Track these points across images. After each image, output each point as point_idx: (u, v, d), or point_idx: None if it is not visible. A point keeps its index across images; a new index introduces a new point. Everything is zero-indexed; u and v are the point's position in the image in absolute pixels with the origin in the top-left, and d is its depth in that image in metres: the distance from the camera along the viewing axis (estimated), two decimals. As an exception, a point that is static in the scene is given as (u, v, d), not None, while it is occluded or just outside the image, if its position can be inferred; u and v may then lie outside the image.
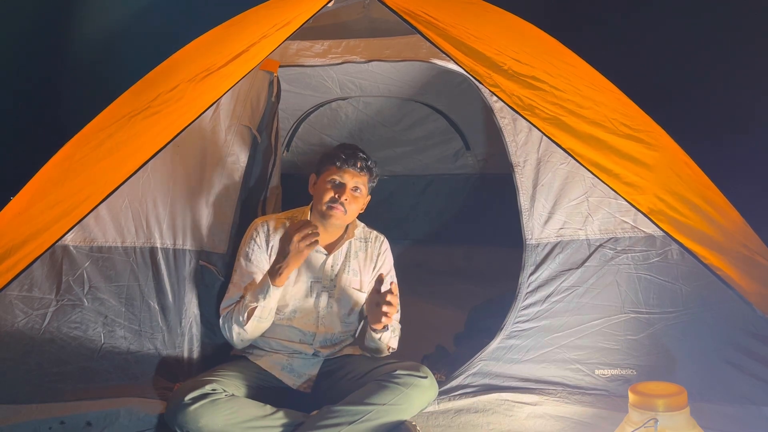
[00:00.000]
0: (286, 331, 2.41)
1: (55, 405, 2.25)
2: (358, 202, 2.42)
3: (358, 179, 2.40)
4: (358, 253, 2.50)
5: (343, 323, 2.45)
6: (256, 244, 2.43)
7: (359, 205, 2.44)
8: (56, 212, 2.47)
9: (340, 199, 2.36)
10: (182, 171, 2.57)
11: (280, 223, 2.47)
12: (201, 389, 2.11)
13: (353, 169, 2.40)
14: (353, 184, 2.40)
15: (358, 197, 2.41)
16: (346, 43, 2.94)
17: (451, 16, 2.57)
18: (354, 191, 2.40)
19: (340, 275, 2.46)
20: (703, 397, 2.24)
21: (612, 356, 2.39)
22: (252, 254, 2.42)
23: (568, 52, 2.91)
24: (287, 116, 4.27)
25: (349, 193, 2.38)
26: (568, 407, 2.31)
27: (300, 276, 2.42)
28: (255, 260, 2.42)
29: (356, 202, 2.41)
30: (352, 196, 2.39)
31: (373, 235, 2.55)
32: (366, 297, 2.43)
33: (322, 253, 2.46)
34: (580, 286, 2.43)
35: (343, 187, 2.38)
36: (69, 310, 2.41)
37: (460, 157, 4.62)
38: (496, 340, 2.43)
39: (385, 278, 2.29)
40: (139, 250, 2.49)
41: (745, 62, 4.34)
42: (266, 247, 2.43)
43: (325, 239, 2.47)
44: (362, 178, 2.42)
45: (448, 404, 2.33)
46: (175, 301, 2.47)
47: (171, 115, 2.51)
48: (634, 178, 2.43)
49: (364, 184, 2.43)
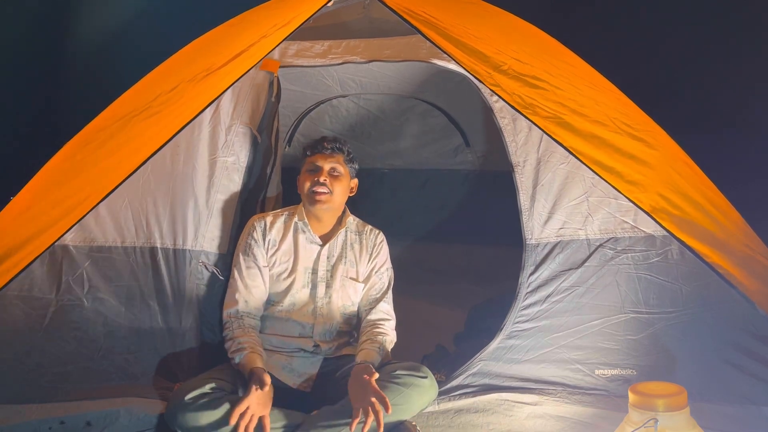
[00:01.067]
0: (284, 324, 2.42)
1: (55, 405, 2.25)
2: (341, 182, 2.46)
3: (331, 160, 2.46)
4: (354, 245, 2.52)
5: (341, 314, 2.46)
6: (253, 239, 2.47)
7: (343, 186, 2.47)
8: (56, 212, 2.48)
9: (319, 179, 2.42)
10: (182, 171, 2.56)
11: (278, 218, 2.52)
12: (201, 389, 2.11)
13: (323, 152, 2.46)
14: (329, 166, 2.45)
15: (338, 177, 2.46)
16: (346, 43, 2.94)
17: (451, 16, 2.57)
18: (332, 172, 2.45)
19: (337, 265, 2.48)
20: (703, 397, 2.24)
21: (612, 356, 2.39)
22: (249, 250, 2.46)
23: (567, 52, 2.91)
24: (288, 113, 4.28)
25: (326, 173, 2.44)
26: (568, 407, 2.31)
27: (296, 267, 2.45)
28: (252, 256, 2.45)
29: (339, 183, 2.45)
30: (332, 176, 2.45)
31: (367, 228, 2.57)
32: (351, 382, 2.18)
33: (317, 243, 2.49)
34: (580, 286, 2.42)
35: (320, 169, 2.44)
36: (69, 310, 2.41)
37: (460, 153, 4.63)
38: (496, 340, 2.43)
39: (378, 271, 2.40)
40: (139, 250, 2.49)
41: (745, 62, 4.34)
42: (263, 243, 2.47)
43: (319, 230, 2.51)
44: (336, 158, 2.47)
45: (448, 404, 2.33)
46: (175, 301, 2.47)
47: (171, 114, 2.52)
48: (636, 176, 2.43)
49: (340, 164, 2.47)
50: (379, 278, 2.51)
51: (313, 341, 2.41)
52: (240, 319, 2.36)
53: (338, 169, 2.47)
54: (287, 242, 2.48)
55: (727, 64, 4.40)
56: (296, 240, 2.49)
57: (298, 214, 2.51)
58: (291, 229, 2.50)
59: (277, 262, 2.47)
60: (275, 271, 2.46)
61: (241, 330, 2.32)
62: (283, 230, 2.50)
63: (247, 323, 2.36)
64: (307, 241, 2.49)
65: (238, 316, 2.36)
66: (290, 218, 2.52)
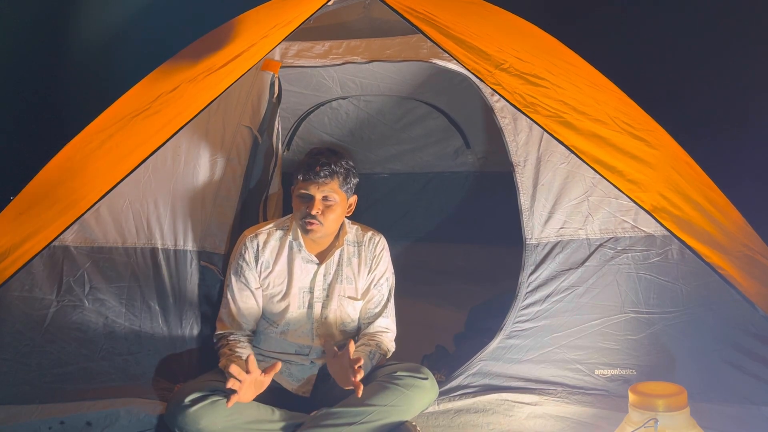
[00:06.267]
0: (281, 343, 2.38)
1: (56, 405, 2.26)
2: (334, 210, 2.29)
3: (324, 188, 2.27)
4: (352, 260, 2.41)
5: (340, 331, 2.40)
6: (245, 262, 2.36)
7: (337, 213, 2.30)
8: (56, 211, 2.48)
9: (311, 212, 2.25)
10: (183, 172, 2.57)
11: (271, 236, 2.40)
12: (201, 390, 2.11)
13: (316, 179, 2.26)
14: (321, 195, 2.27)
15: (332, 205, 2.28)
16: (346, 43, 2.94)
17: (451, 15, 2.57)
18: (325, 200, 2.28)
19: (333, 285, 2.38)
20: (703, 397, 2.24)
21: (612, 356, 2.39)
22: (241, 272, 2.36)
23: (568, 51, 2.91)
24: (288, 115, 4.27)
25: (319, 204, 2.27)
26: (568, 407, 2.31)
27: (290, 290, 2.36)
28: (245, 278, 2.36)
29: (332, 211, 2.29)
30: (325, 206, 2.28)
31: (367, 236, 2.44)
32: (330, 356, 2.19)
33: (313, 263, 2.38)
34: (580, 286, 2.42)
35: (312, 199, 2.27)
36: (69, 311, 2.41)
37: (460, 155, 4.63)
38: (495, 340, 2.43)
39: (377, 284, 2.32)
40: (139, 250, 2.49)
41: (745, 62, 4.34)
42: (255, 265, 2.36)
43: (315, 249, 2.39)
44: (329, 186, 2.27)
45: (448, 404, 2.33)
46: (176, 301, 2.47)
47: (171, 114, 2.52)
48: (637, 175, 2.43)
49: (335, 191, 2.28)
50: (378, 291, 2.41)
51: (309, 360, 2.36)
52: (234, 334, 2.34)
53: (332, 197, 2.28)
54: (281, 263, 2.37)
55: (728, 64, 4.40)
56: (291, 260, 2.37)
57: (293, 233, 2.38)
58: (286, 248, 2.38)
59: (270, 284, 2.37)
60: (269, 293, 2.37)
61: (235, 341, 2.30)
62: (277, 249, 2.38)
63: (242, 338, 2.33)
64: (303, 261, 2.37)
65: (233, 334, 2.34)
66: (285, 235, 2.39)
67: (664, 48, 4.57)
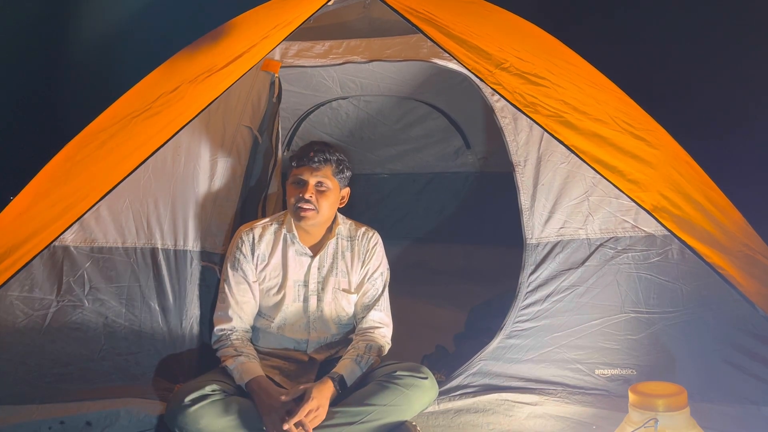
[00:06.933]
0: (278, 339, 2.39)
1: (56, 405, 2.26)
2: (327, 197, 2.32)
3: (318, 173, 2.30)
4: (345, 253, 2.41)
5: (336, 325, 2.41)
6: (242, 254, 2.38)
7: (330, 200, 2.33)
8: (57, 211, 2.48)
9: (304, 196, 2.28)
10: (183, 172, 2.56)
11: (266, 230, 2.42)
12: (201, 390, 2.11)
13: (309, 164, 2.30)
14: (315, 180, 2.30)
15: (325, 192, 2.31)
16: (347, 43, 2.94)
17: (452, 15, 2.57)
18: (318, 186, 2.31)
19: (328, 277, 2.39)
20: (703, 397, 2.24)
21: (612, 356, 2.39)
22: (238, 264, 2.37)
23: (569, 51, 2.91)
24: (288, 115, 4.27)
25: (312, 189, 2.29)
26: (568, 407, 2.31)
27: (285, 282, 2.37)
28: (242, 271, 2.37)
29: (326, 198, 2.31)
30: (318, 192, 2.30)
31: (360, 231, 2.45)
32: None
33: (307, 255, 2.39)
34: (580, 286, 2.42)
35: (305, 184, 2.30)
36: (70, 311, 2.41)
37: (460, 155, 4.63)
38: (496, 340, 2.43)
39: (371, 277, 2.35)
40: (139, 250, 2.49)
41: (746, 62, 4.34)
42: (252, 257, 2.38)
43: (309, 240, 2.40)
44: (323, 172, 2.31)
45: (448, 404, 2.33)
46: (176, 301, 2.47)
47: (172, 115, 2.52)
48: (637, 175, 2.43)
49: (328, 177, 2.32)
50: (372, 284, 2.41)
51: (308, 355, 2.38)
52: (236, 332, 2.33)
53: (325, 183, 2.31)
54: (276, 256, 2.39)
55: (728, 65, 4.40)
56: (285, 253, 2.39)
57: (287, 225, 2.40)
58: (280, 242, 2.40)
59: (266, 277, 2.38)
60: (265, 286, 2.38)
61: (240, 342, 2.30)
62: (272, 243, 2.40)
63: (243, 336, 2.34)
64: (296, 253, 2.39)
65: (233, 331, 2.33)
66: (279, 229, 2.41)
67: (664, 48, 4.58)
